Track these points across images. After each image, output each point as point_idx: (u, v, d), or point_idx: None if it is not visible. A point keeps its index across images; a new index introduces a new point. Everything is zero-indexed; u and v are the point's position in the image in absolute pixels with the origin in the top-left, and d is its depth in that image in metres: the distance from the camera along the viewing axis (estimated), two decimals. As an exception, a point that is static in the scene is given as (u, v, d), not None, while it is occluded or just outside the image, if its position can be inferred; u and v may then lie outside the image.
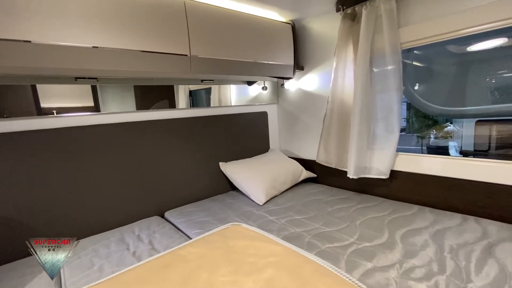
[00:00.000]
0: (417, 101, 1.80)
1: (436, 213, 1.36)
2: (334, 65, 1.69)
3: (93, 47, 1.16)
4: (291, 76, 2.02)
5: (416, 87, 2.11)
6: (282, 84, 2.25)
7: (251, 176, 1.77)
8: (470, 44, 1.67)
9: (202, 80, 1.93)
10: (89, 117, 1.46)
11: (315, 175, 2.07)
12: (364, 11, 1.49)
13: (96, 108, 1.48)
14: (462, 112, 1.82)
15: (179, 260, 0.87)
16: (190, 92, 1.95)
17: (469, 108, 1.83)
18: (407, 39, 1.45)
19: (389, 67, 1.47)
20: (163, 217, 1.65)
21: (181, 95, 1.91)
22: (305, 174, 2.02)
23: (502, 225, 1.18)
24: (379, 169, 1.60)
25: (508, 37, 1.70)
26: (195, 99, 2.00)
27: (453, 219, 1.28)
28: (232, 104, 2.14)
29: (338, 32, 1.64)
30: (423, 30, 1.39)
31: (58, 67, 1.13)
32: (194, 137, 1.85)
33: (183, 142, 1.79)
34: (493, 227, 1.16)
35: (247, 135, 2.16)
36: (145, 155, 1.62)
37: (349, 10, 1.61)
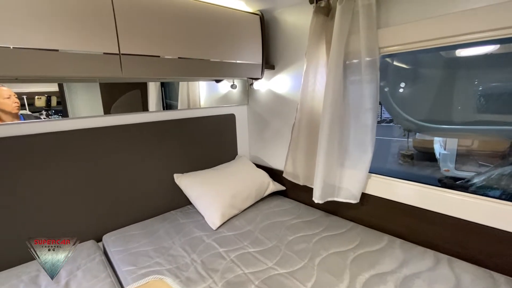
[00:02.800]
0: (395, 112, 1.59)
1: (407, 248, 1.19)
2: (305, 68, 1.45)
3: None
4: (259, 77, 1.76)
5: (395, 90, 1.92)
6: (251, 84, 1.99)
7: (207, 193, 1.55)
8: (456, 49, 1.46)
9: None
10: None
11: (284, 188, 1.87)
12: (339, 6, 1.23)
13: (61, 94, 1.29)
14: (443, 132, 1.64)
15: None
16: (162, 83, 1.69)
17: (451, 127, 1.65)
18: (387, 43, 1.21)
19: (364, 77, 1.24)
20: (101, 240, 1.43)
21: (151, 87, 1.65)
22: (272, 187, 1.81)
23: (477, 272, 1.01)
24: (349, 190, 1.41)
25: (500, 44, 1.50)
26: (167, 90, 1.73)
27: (424, 259, 1.11)
28: (202, 102, 1.88)
29: (310, 29, 1.39)
30: (407, 33, 1.15)
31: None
32: (151, 144, 1.61)
33: (137, 150, 1.55)
34: (467, 276, 1.00)
35: (211, 140, 1.92)
36: (87, 165, 1.38)
37: (322, 3, 1.34)
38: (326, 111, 1.32)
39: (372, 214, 1.40)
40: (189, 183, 1.63)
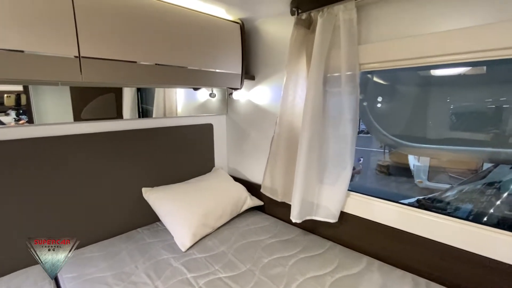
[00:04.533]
0: (374, 128, 1.59)
1: (385, 271, 1.15)
2: (284, 81, 1.40)
3: None
4: (239, 87, 1.69)
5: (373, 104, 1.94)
6: (230, 94, 1.92)
7: (177, 210, 1.43)
8: (433, 69, 1.50)
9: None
10: None
11: (261, 203, 1.79)
12: (320, 19, 1.21)
13: (25, 91, 1.18)
14: (417, 150, 1.67)
15: None
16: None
17: (424, 145, 1.69)
18: (368, 59, 1.19)
19: (344, 93, 1.21)
20: (53, 264, 1.26)
21: (127, 91, 1.51)
22: (250, 203, 1.73)
23: (456, 299, 0.99)
24: (328, 208, 1.35)
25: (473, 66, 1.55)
26: (144, 94, 1.61)
27: (403, 285, 1.06)
28: (179, 110, 1.78)
29: (290, 41, 1.35)
30: (387, 50, 1.13)
31: None
32: (121, 154, 1.48)
33: (103, 161, 1.41)
34: (447, 303, 0.97)
35: (187, 151, 1.81)
36: (41, 178, 1.23)
37: (304, 16, 1.31)
38: (305, 125, 1.27)
39: (351, 234, 1.36)
40: (158, 199, 1.50)
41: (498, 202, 1.76)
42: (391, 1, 1.11)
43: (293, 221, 1.33)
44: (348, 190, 1.33)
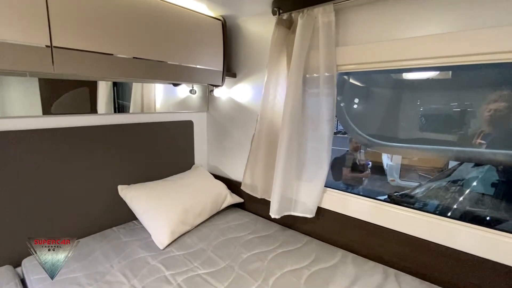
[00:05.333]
0: (350, 127, 1.66)
1: (358, 263, 1.21)
2: (265, 79, 1.42)
3: None
4: (220, 84, 1.69)
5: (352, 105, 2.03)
6: (211, 91, 1.90)
7: (155, 208, 1.41)
8: (405, 72, 1.60)
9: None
10: None
11: (241, 200, 1.80)
12: (300, 20, 1.24)
13: None
14: (389, 148, 1.77)
15: None
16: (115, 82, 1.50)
17: (396, 144, 1.80)
18: (344, 61, 1.24)
19: (322, 94, 1.25)
20: (20, 265, 1.18)
21: (102, 85, 1.44)
22: (230, 200, 1.73)
23: (420, 286, 1.06)
24: (305, 204, 1.40)
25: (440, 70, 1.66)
26: (120, 89, 1.54)
27: (374, 275, 1.13)
28: (157, 106, 1.73)
29: (271, 40, 1.37)
30: (362, 53, 1.19)
31: None
32: (95, 150, 1.42)
33: (76, 158, 1.35)
34: (413, 291, 1.04)
35: (166, 148, 1.78)
36: (7, 174, 1.15)
37: (285, 16, 1.34)
38: (285, 123, 1.30)
39: (327, 228, 1.41)
40: (135, 196, 1.46)
41: (461, 198, 1.90)
42: (367, 7, 1.16)
43: (272, 216, 1.35)
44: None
